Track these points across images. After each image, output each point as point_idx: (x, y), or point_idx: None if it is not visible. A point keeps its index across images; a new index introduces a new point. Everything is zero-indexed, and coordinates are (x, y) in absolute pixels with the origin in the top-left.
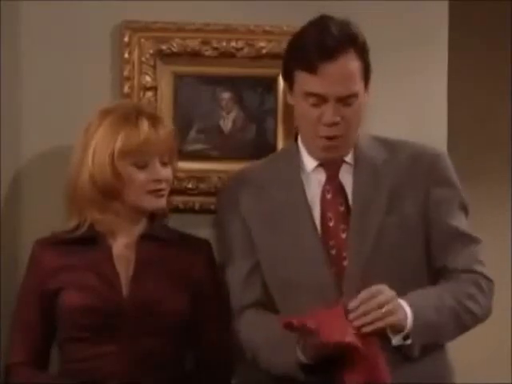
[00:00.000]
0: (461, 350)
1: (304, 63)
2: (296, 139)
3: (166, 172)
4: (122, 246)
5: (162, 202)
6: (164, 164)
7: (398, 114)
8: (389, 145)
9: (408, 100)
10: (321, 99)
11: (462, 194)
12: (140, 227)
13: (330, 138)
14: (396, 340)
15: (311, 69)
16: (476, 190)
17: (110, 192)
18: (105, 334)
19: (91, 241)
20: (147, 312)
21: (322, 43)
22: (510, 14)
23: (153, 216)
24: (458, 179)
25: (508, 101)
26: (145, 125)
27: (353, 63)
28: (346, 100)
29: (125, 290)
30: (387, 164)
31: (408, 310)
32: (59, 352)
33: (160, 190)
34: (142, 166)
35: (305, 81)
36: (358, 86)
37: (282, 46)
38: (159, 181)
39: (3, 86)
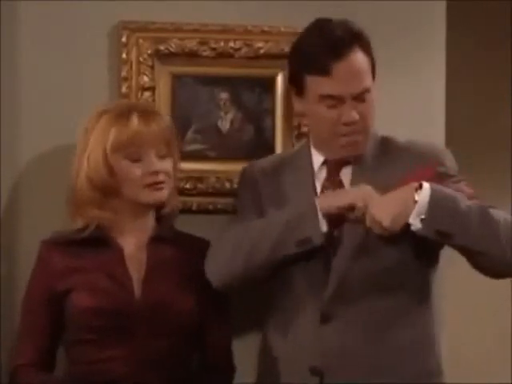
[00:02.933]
0: (461, 350)
1: (316, 67)
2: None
3: (164, 164)
4: (133, 247)
5: (161, 195)
6: (162, 157)
7: (396, 115)
8: (391, 143)
9: (406, 100)
10: (337, 100)
11: (464, 183)
12: (149, 228)
13: (350, 135)
14: (413, 221)
15: (325, 71)
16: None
17: (107, 189)
18: (115, 335)
19: (101, 242)
20: (159, 314)
21: (330, 44)
22: (509, 14)
23: (160, 216)
24: (457, 172)
25: (507, 101)
26: (135, 118)
27: (361, 59)
28: (360, 96)
29: (137, 291)
30: (386, 164)
31: (426, 186)
32: (66, 354)
33: (158, 182)
34: (135, 160)
35: (319, 84)
36: (369, 81)
37: (279, 46)
38: (156, 173)
39: (2, 86)
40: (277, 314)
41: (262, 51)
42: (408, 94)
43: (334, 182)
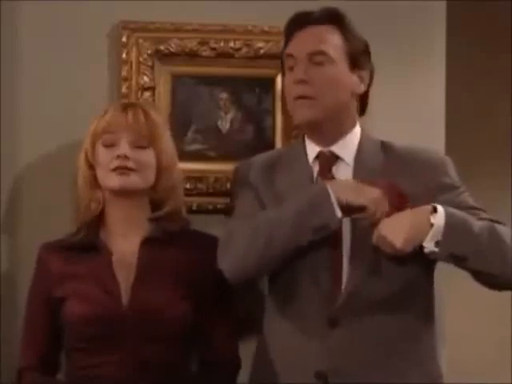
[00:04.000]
0: (461, 350)
1: (285, 38)
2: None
3: (140, 154)
4: (124, 251)
5: (126, 181)
6: (140, 147)
7: (396, 118)
8: (392, 150)
9: (406, 104)
10: (294, 60)
11: (467, 194)
12: (142, 230)
13: (301, 98)
14: (427, 244)
15: (288, 38)
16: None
17: (90, 182)
18: (107, 342)
19: (93, 247)
20: (149, 320)
21: (302, 15)
22: (509, 14)
23: (157, 217)
24: (460, 182)
25: (507, 104)
26: (113, 108)
27: (329, 35)
28: (314, 58)
29: (125, 298)
30: (387, 168)
31: (441, 209)
32: (65, 359)
33: (124, 167)
34: (108, 145)
35: (284, 50)
36: (331, 50)
37: (279, 46)
38: (125, 158)
39: (2, 86)
40: (279, 317)
41: (262, 51)
42: (408, 97)
43: (326, 178)
